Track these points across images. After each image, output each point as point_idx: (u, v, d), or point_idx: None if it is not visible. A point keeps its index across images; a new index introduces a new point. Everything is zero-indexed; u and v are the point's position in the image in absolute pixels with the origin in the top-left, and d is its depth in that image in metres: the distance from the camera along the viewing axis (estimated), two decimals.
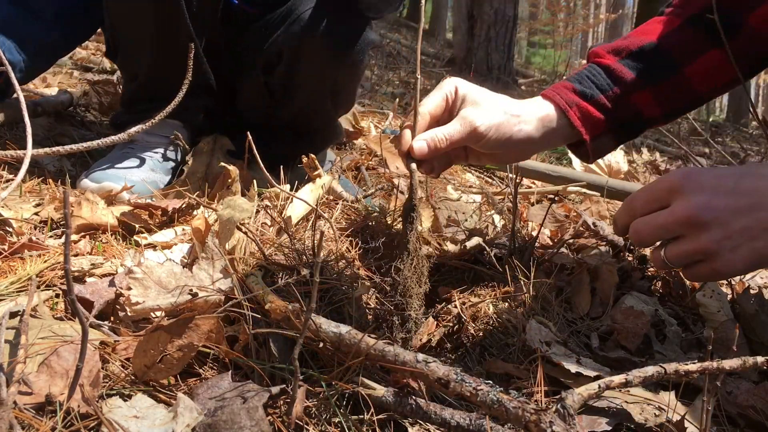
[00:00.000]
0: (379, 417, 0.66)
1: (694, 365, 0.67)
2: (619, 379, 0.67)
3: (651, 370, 0.68)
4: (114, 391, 0.66)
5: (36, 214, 1.08)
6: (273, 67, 1.44)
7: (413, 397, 0.65)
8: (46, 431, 0.57)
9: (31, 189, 1.23)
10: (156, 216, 1.12)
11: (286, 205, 1.13)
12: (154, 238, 1.06)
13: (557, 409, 0.61)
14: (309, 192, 1.21)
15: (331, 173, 1.32)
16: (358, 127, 2.29)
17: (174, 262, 0.83)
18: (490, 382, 0.64)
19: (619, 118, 0.96)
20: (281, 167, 1.26)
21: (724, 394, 0.77)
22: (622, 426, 0.70)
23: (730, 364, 0.67)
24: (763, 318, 0.92)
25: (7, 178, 1.18)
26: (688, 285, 1.06)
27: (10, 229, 0.98)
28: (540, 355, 0.79)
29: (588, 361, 0.78)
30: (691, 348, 0.91)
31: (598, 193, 1.95)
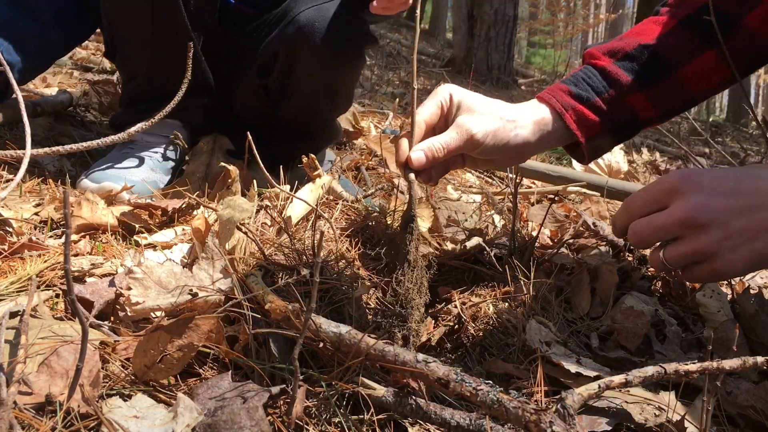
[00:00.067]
0: (379, 417, 0.66)
1: (694, 365, 0.67)
2: (619, 379, 0.67)
3: (651, 370, 0.68)
4: (114, 391, 0.66)
5: (36, 214, 1.08)
6: (269, 69, 1.44)
7: (413, 397, 0.65)
8: (46, 431, 0.57)
9: (31, 189, 1.23)
10: (156, 216, 1.12)
11: (286, 205, 1.13)
12: (154, 238, 1.06)
13: (557, 409, 0.61)
14: (309, 192, 1.21)
15: (331, 173, 1.32)
16: (358, 127, 2.29)
17: (174, 262, 0.83)
18: (490, 382, 0.64)
19: (614, 120, 0.96)
20: (281, 167, 1.26)
21: (724, 394, 0.77)
22: (622, 426, 0.70)
23: (730, 364, 0.67)
24: (763, 318, 0.92)
25: (6, 178, 1.18)
26: (688, 285, 1.06)
27: (10, 229, 0.98)
28: (540, 355, 0.79)
29: (588, 361, 0.79)
30: (691, 348, 0.91)
31: (598, 193, 1.95)
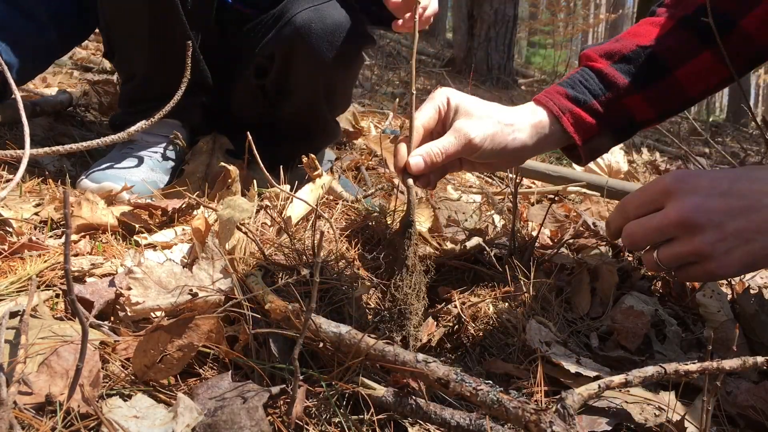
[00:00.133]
0: (379, 417, 0.66)
1: (694, 365, 0.67)
2: (619, 379, 0.67)
3: (651, 370, 0.68)
4: (114, 391, 0.66)
5: (36, 214, 1.08)
6: (265, 70, 1.43)
7: (413, 397, 0.65)
8: (46, 431, 0.57)
9: (31, 189, 1.23)
10: (156, 216, 1.12)
11: (286, 205, 1.13)
12: (154, 238, 1.06)
13: (557, 409, 0.61)
14: (309, 192, 1.21)
15: (330, 173, 1.32)
16: (358, 127, 2.29)
17: (174, 262, 0.83)
18: (490, 382, 0.64)
19: (611, 122, 0.96)
20: (281, 167, 1.26)
21: (724, 394, 0.77)
22: (622, 426, 0.70)
23: (730, 364, 0.67)
24: (763, 318, 0.92)
25: (6, 178, 1.18)
26: (688, 285, 1.06)
27: (10, 229, 0.98)
28: (540, 355, 0.79)
29: (588, 361, 0.78)
30: (691, 348, 0.91)
31: (598, 193, 1.95)
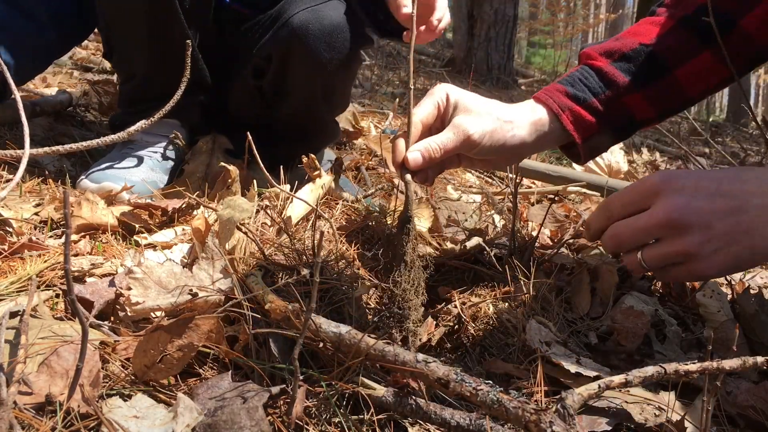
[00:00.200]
0: (379, 417, 0.66)
1: (694, 365, 0.67)
2: (619, 379, 0.67)
3: (651, 370, 0.68)
4: (114, 391, 0.66)
5: (36, 214, 1.08)
6: (263, 71, 1.43)
7: (413, 397, 0.65)
8: (46, 431, 0.57)
9: (31, 189, 1.23)
10: (156, 216, 1.12)
11: (286, 205, 1.13)
12: (154, 238, 1.06)
13: (557, 409, 0.61)
14: (309, 192, 1.21)
15: (331, 172, 1.32)
16: (358, 127, 2.29)
17: (174, 262, 0.83)
18: (490, 382, 0.64)
19: (611, 120, 0.96)
20: (281, 167, 1.26)
21: (724, 394, 0.77)
22: (622, 426, 0.70)
23: (730, 364, 0.67)
24: (763, 318, 0.92)
25: (6, 178, 1.18)
26: (688, 285, 1.06)
27: (10, 229, 0.98)
28: (540, 355, 0.79)
29: (588, 361, 0.78)
30: (691, 348, 0.91)
31: (598, 193, 1.95)
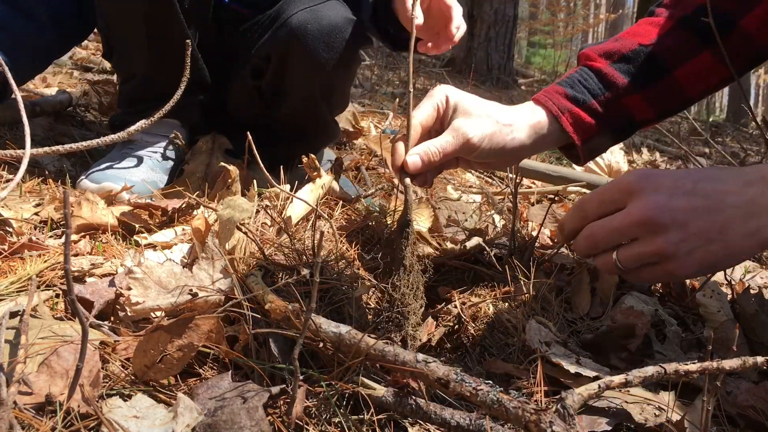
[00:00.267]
0: (379, 417, 0.66)
1: (694, 365, 0.67)
2: (619, 379, 0.67)
3: (651, 370, 0.68)
4: (114, 391, 0.66)
5: (36, 214, 1.09)
6: (261, 71, 1.43)
7: (413, 397, 0.65)
8: (46, 431, 0.57)
9: (31, 189, 1.24)
10: (156, 216, 1.12)
11: (286, 205, 1.13)
12: (154, 238, 1.06)
13: (557, 409, 0.61)
14: (309, 192, 1.21)
15: (330, 173, 1.32)
16: (358, 127, 2.29)
17: (174, 262, 0.83)
18: (490, 382, 0.64)
19: (610, 121, 0.96)
20: (281, 167, 1.26)
21: (724, 394, 0.77)
22: (622, 426, 0.70)
23: (730, 364, 0.67)
24: (763, 318, 0.92)
25: (6, 178, 1.18)
26: (688, 285, 1.06)
27: (10, 229, 0.98)
28: (540, 355, 0.79)
29: (588, 361, 0.78)
30: (691, 348, 0.91)
31: None
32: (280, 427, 0.63)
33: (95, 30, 1.56)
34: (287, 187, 1.26)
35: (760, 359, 0.67)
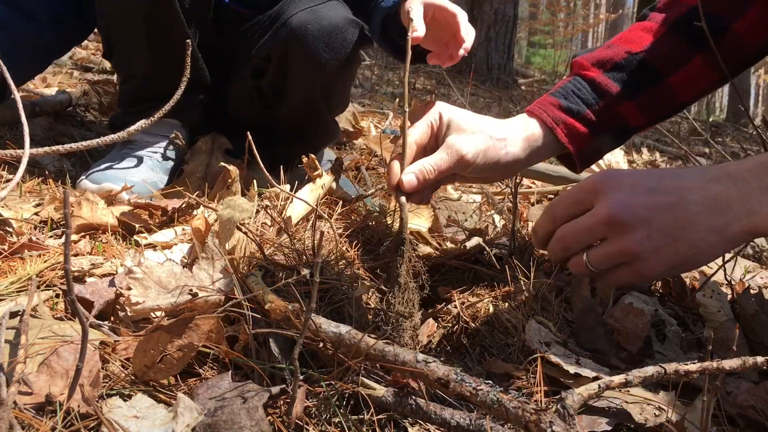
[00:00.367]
0: (379, 417, 0.66)
1: (694, 365, 0.67)
2: (619, 379, 0.67)
3: (651, 370, 0.68)
4: (114, 391, 0.66)
5: (36, 214, 1.09)
6: (262, 71, 1.43)
7: (413, 397, 0.65)
8: (46, 431, 0.57)
9: (31, 189, 1.24)
10: (156, 216, 1.12)
11: (286, 205, 1.13)
12: (154, 238, 1.06)
13: (557, 409, 0.61)
14: (309, 192, 1.21)
15: (330, 173, 1.32)
16: (358, 127, 2.29)
17: (174, 262, 0.83)
18: (490, 382, 0.64)
19: (604, 129, 0.96)
20: (281, 167, 1.26)
21: (724, 394, 0.77)
22: (622, 426, 0.70)
23: (730, 364, 0.67)
24: (763, 318, 0.92)
25: (6, 178, 1.18)
26: (688, 285, 1.06)
27: (10, 229, 0.98)
28: (540, 356, 0.79)
29: (587, 362, 0.78)
30: (691, 348, 0.91)
31: None
32: (280, 427, 0.63)
33: (95, 30, 1.56)
34: (287, 187, 1.26)
35: (760, 359, 0.67)
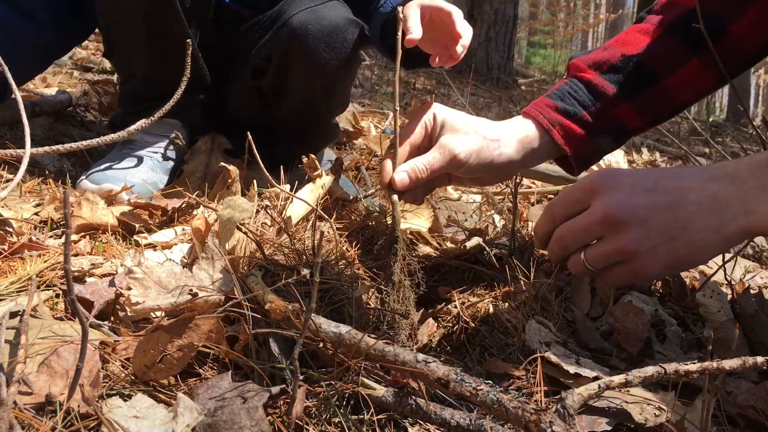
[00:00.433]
0: (379, 417, 0.66)
1: (694, 365, 0.67)
2: (619, 379, 0.67)
3: (651, 370, 0.67)
4: (114, 391, 0.66)
5: (36, 214, 1.09)
6: (262, 71, 1.43)
7: (413, 397, 0.65)
8: (46, 431, 0.57)
9: (31, 189, 1.24)
10: (156, 216, 1.12)
11: (286, 205, 1.13)
12: (154, 238, 1.06)
13: (557, 409, 0.61)
14: (309, 192, 1.21)
15: (330, 173, 1.32)
16: (358, 127, 2.29)
17: (174, 262, 0.83)
18: (490, 382, 0.64)
19: (601, 131, 0.96)
20: (281, 167, 1.26)
21: (724, 394, 0.77)
22: (622, 426, 0.70)
23: (730, 364, 0.67)
24: (763, 318, 0.92)
25: (6, 178, 1.18)
26: (689, 285, 1.06)
27: (10, 229, 0.98)
28: (540, 356, 0.79)
29: (587, 362, 0.78)
30: (691, 348, 0.91)
31: None
32: (280, 427, 0.63)
33: (95, 30, 1.56)
34: (287, 187, 1.26)
35: (760, 359, 0.67)
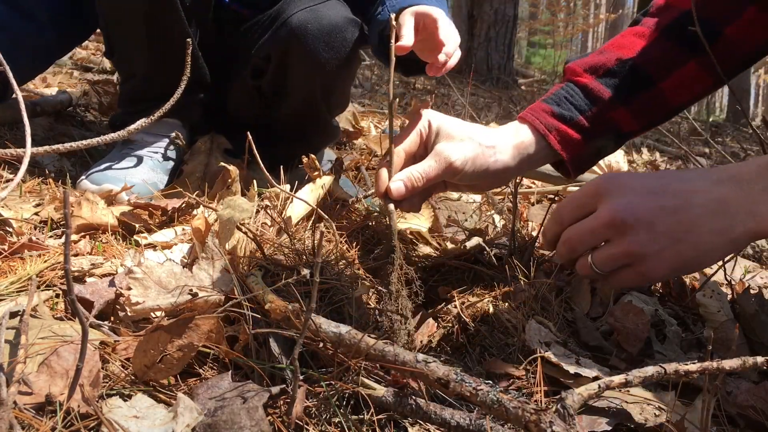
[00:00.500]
0: (379, 417, 0.66)
1: (694, 365, 0.67)
2: (619, 379, 0.67)
3: (651, 370, 0.68)
4: (114, 391, 0.66)
5: (36, 214, 1.09)
6: (262, 71, 1.43)
7: (413, 397, 0.65)
8: (46, 431, 0.57)
9: (31, 189, 1.24)
10: (156, 216, 1.12)
11: (286, 205, 1.13)
12: (154, 238, 1.06)
13: (557, 409, 0.61)
14: (309, 192, 1.21)
15: (330, 173, 1.32)
16: (358, 127, 2.29)
17: (174, 262, 0.83)
18: (490, 382, 0.64)
19: (597, 135, 0.96)
20: (281, 167, 1.26)
21: (724, 394, 0.77)
22: (622, 426, 0.70)
23: (730, 364, 0.67)
24: (763, 318, 0.92)
25: (6, 178, 1.18)
26: (688, 285, 1.06)
27: (10, 229, 0.98)
28: (540, 356, 0.79)
29: (587, 362, 0.78)
30: (691, 348, 0.91)
31: None
32: (280, 427, 0.63)
33: (96, 30, 1.56)
34: (287, 187, 1.26)
35: (760, 359, 0.67)
